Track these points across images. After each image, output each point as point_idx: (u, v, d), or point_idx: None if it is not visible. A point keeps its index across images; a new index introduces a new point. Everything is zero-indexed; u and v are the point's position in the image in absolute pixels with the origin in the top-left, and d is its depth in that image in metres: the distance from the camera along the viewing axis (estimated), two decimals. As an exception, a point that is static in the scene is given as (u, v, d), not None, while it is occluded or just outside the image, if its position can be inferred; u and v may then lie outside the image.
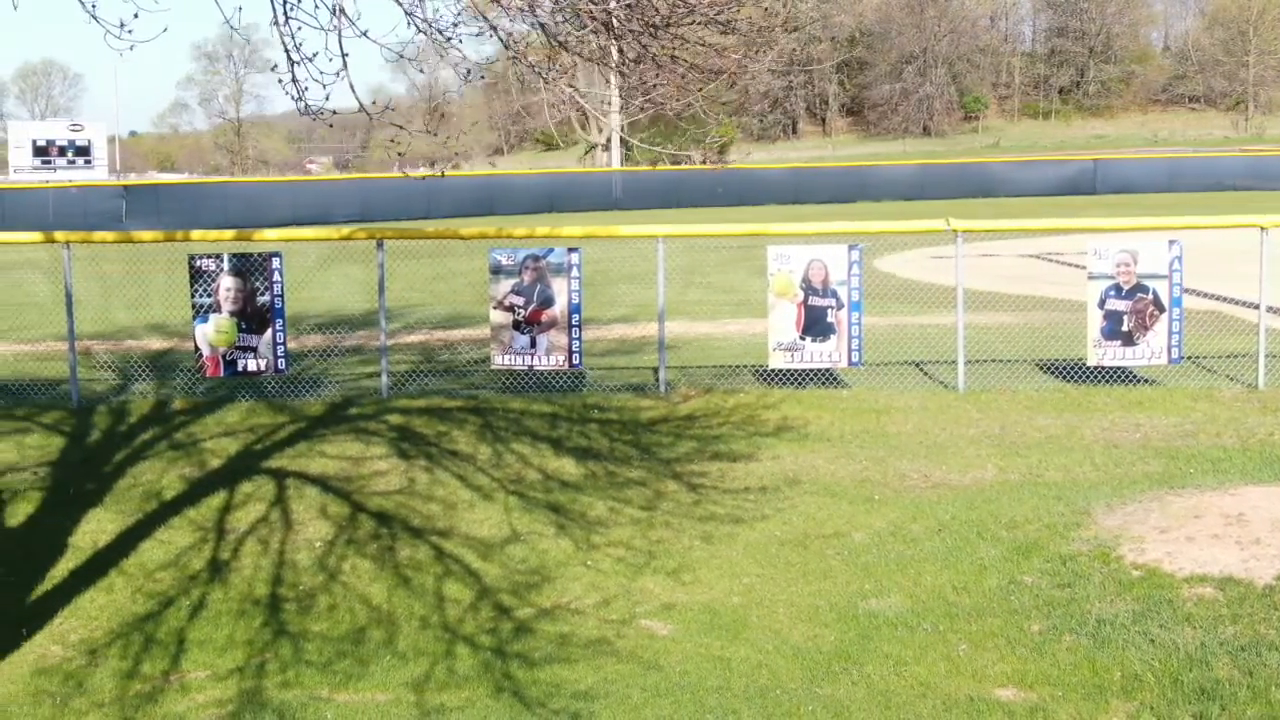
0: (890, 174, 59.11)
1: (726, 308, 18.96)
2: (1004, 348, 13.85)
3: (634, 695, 7.17)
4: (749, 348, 15.20)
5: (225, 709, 7.17)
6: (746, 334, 16.38)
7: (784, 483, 9.89)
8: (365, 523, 9.40)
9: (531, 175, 62.74)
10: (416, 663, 7.61)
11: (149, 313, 17.43)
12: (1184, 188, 52.62)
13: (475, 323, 17.65)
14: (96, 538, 9.20)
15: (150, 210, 44.74)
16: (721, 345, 15.41)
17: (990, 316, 15.61)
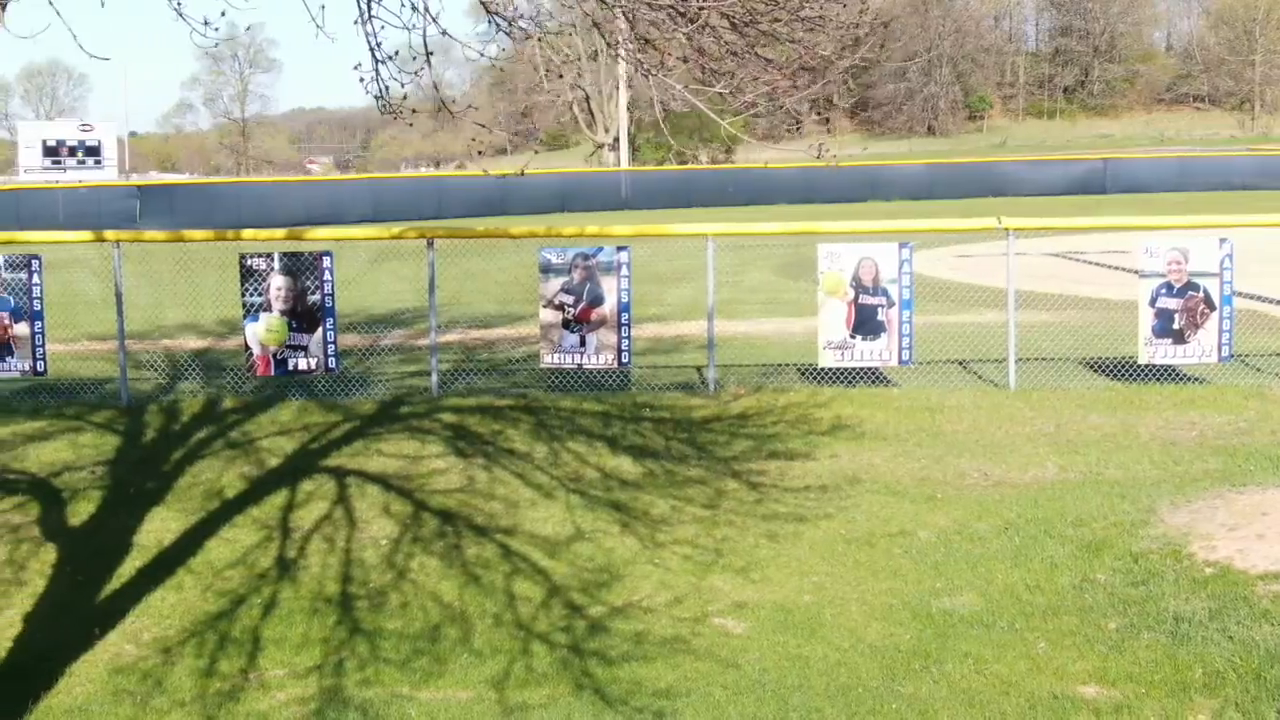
0: (900, 173, 59.07)
1: (755, 307, 18.97)
2: (1047, 345, 13.85)
3: (715, 693, 7.17)
4: (788, 346, 15.21)
5: (308, 706, 7.17)
6: (783, 333, 16.39)
7: (844, 481, 9.89)
8: (429, 521, 9.40)
9: (540, 175, 62.78)
10: (494, 660, 7.60)
11: (181, 312, 17.46)
12: (1193, 187, 52.58)
13: (507, 321, 17.68)
14: (161, 536, 9.20)
15: (164, 210, 44.76)
16: (759, 344, 15.41)
17: (1029, 314, 15.58)
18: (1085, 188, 55.75)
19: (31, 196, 45.39)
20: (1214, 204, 39.49)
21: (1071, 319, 15.67)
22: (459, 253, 20.33)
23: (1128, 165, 58.49)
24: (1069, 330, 14.81)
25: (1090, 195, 53.48)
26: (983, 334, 14.65)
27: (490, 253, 21.07)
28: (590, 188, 54.34)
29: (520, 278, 20.01)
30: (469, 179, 59.67)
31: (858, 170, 60.01)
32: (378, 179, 59.47)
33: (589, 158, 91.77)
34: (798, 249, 25.27)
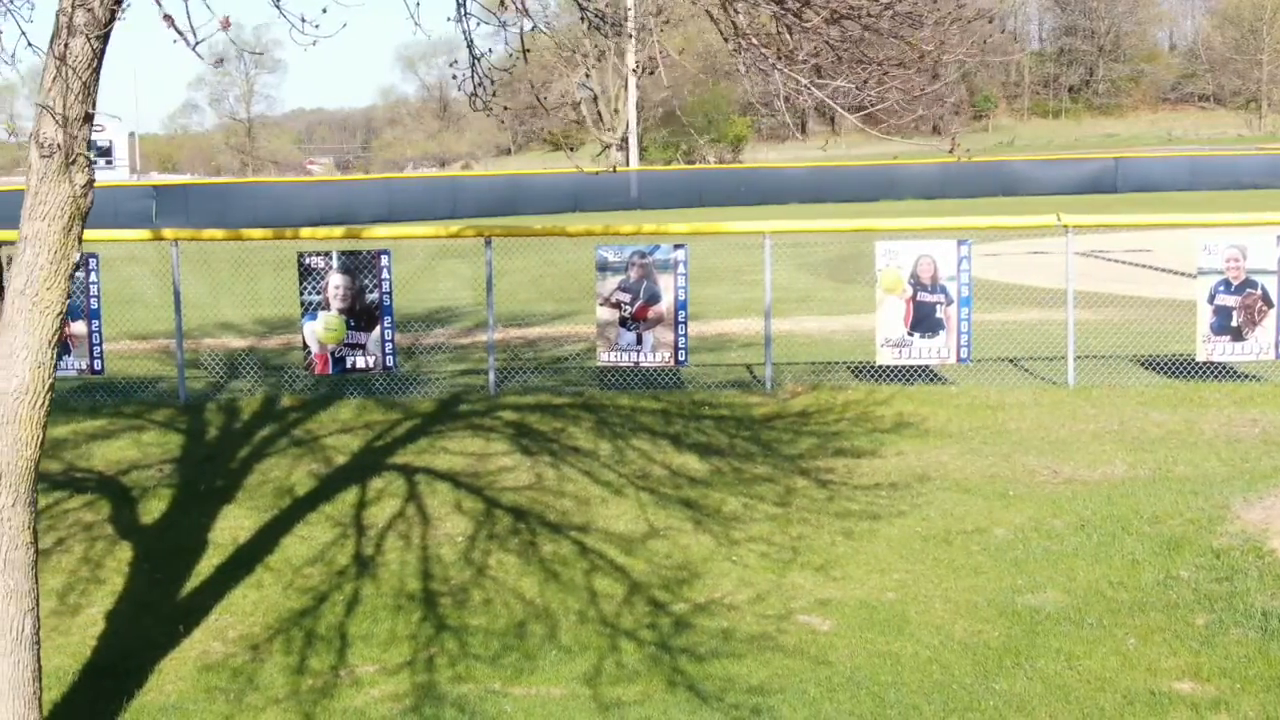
0: (912, 172, 59.06)
1: (792, 305, 18.94)
2: (1097, 343, 13.84)
3: (809, 690, 7.16)
4: (833, 344, 15.23)
5: (402, 703, 7.17)
6: (825, 330, 16.41)
7: (914, 479, 9.89)
8: (502, 518, 9.40)
9: (551, 175, 62.80)
10: (583, 657, 7.60)
11: (219, 311, 17.51)
12: (1204, 186, 52.58)
13: (544, 320, 17.71)
14: (236, 534, 9.20)
15: (180, 210, 44.78)
16: (804, 342, 15.41)
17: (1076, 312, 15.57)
18: (1097, 187, 55.76)
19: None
20: (1225, 203, 39.46)
21: (1116, 316, 15.67)
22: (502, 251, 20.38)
23: (1139, 164, 58.48)
24: (1116, 327, 14.81)
25: (1102, 194, 53.50)
26: (1025, 331, 14.67)
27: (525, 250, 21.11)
28: (599, 187, 54.32)
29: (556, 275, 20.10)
30: (479, 179, 59.79)
31: (869, 170, 60.04)
32: (391, 179, 59.50)
33: (596, 158, 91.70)
34: (827, 247, 25.40)
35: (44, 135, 5.65)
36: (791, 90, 5.48)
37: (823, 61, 5.45)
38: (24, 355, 5.79)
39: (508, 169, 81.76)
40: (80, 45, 5.57)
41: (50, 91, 5.61)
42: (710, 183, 54.05)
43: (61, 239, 5.79)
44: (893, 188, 55.59)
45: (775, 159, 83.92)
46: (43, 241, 5.76)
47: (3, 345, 5.80)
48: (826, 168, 61.48)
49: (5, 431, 5.79)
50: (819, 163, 68.76)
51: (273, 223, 37.66)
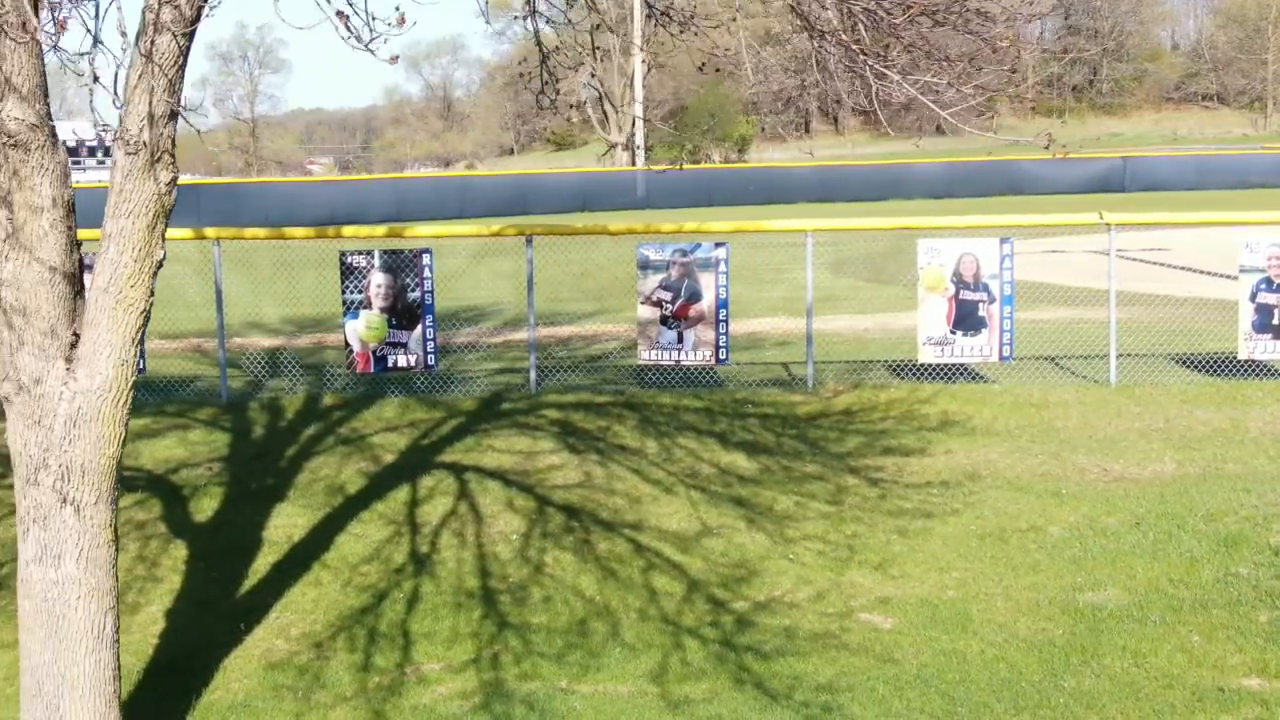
0: (920, 172, 59.08)
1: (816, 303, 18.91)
2: (1133, 341, 13.82)
3: (878, 688, 7.16)
4: (866, 342, 15.24)
5: (471, 700, 7.17)
6: (856, 329, 16.41)
7: (965, 477, 9.88)
8: (554, 516, 9.40)
9: (558, 174, 62.80)
10: (647, 655, 7.60)
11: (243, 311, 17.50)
12: (1211, 185, 52.58)
13: (577, 318, 17.72)
14: (290, 532, 9.21)
15: (191, 209, 44.67)
16: (837, 341, 15.40)
17: (1102, 312, 15.56)
18: (1105, 186, 55.83)
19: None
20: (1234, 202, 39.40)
21: (1149, 314, 15.64)
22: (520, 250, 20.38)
23: (1147, 164, 58.52)
24: (1150, 326, 14.79)
25: (1110, 194, 53.52)
26: (1062, 330, 14.67)
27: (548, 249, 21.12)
28: (605, 187, 54.33)
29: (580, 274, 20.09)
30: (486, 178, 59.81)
31: (879, 169, 60.06)
32: (400, 179, 59.57)
33: (601, 158, 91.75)
34: (847, 246, 25.38)
35: (129, 133, 5.65)
36: (881, 88, 5.48)
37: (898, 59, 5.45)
38: (107, 353, 5.80)
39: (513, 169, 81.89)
40: (166, 42, 5.56)
41: (136, 89, 5.60)
42: (718, 182, 54.06)
43: (146, 236, 5.79)
44: (899, 187, 55.66)
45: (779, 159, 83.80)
46: (127, 239, 5.77)
47: (85, 343, 5.80)
48: (833, 167, 61.48)
49: (88, 429, 5.80)
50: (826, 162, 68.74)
51: (283, 222, 37.63)
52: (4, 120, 5.60)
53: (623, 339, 16.33)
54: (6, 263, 5.75)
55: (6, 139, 5.63)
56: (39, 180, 5.72)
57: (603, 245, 17.84)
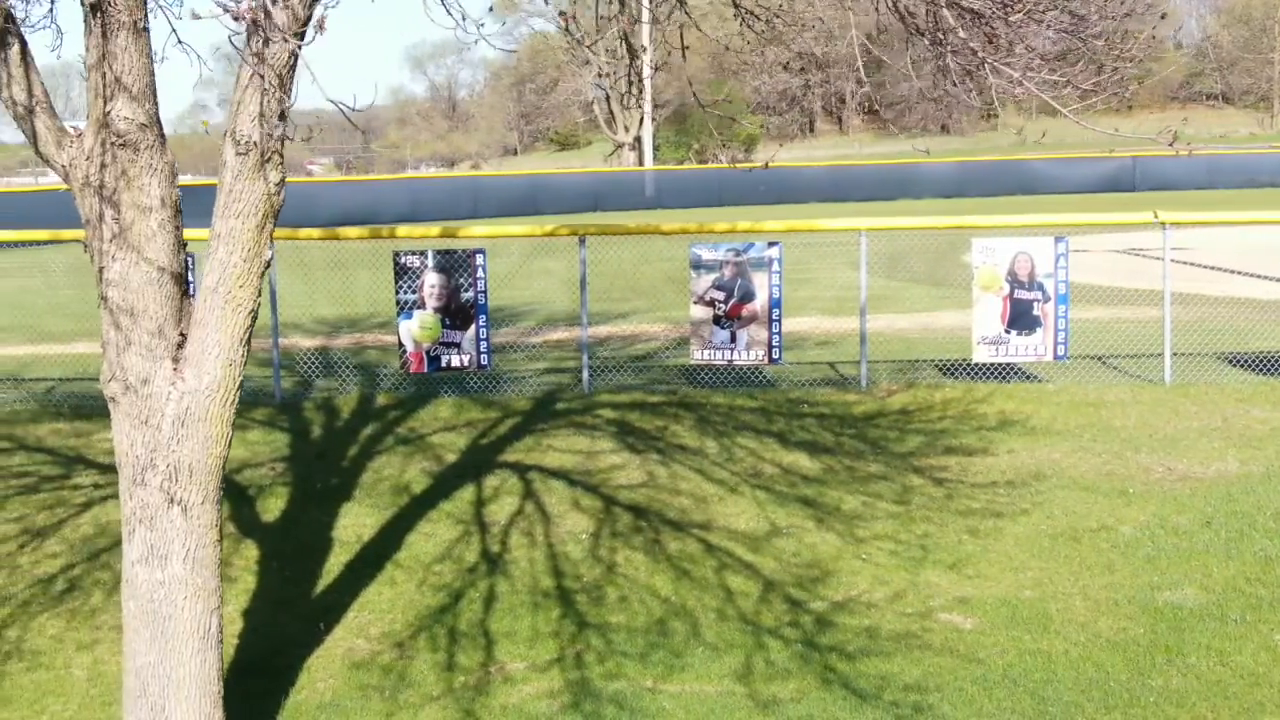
0: (930, 171, 59.08)
1: (851, 303, 18.91)
2: (1182, 340, 13.82)
3: (966, 688, 7.15)
4: (910, 342, 15.24)
5: (559, 699, 7.17)
6: (895, 328, 16.43)
7: (1030, 477, 9.88)
8: (622, 516, 9.40)
9: (570, 174, 62.85)
10: (730, 654, 7.59)
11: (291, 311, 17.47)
12: (1221, 184, 52.60)
13: (613, 318, 17.74)
14: (359, 531, 9.21)
15: (204, 210, 44.51)
16: (879, 341, 15.37)
17: (1144, 310, 15.59)
18: (1116, 185, 55.89)
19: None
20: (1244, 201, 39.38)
21: (1193, 314, 15.65)
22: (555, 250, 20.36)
23: (1156, 163, 58.48)
24: (1196, 325, 14.79)
25: (1121, 193, 53.54)
26: (1107, 328, 14.67)
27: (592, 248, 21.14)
28: (613, 187, 54.31)
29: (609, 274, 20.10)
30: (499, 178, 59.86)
31: (889, 169, 60.03)
32: (414, 179, 59.64)
33: (608, 158, 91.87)
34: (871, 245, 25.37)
35: (240, 133, 5.66)
36: (1004, 88, 5.47)
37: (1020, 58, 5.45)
38: (215, 353, 5.80)
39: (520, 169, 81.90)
40: (279, 42, 5.56)
41: (247, 89, 5.61)
42: (728, 182, 54.10)
43: (255, 236, 5.80)
44: (910, 187, 55.70)
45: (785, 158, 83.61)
46: (236, 239, 5.77)
47: (193, 343, 5.81)
48: (844, 167, 61.53)
49: (196, 429, 5.80)
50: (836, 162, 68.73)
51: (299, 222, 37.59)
52: (114, 119, 5.61)
53: (661, 339, 16.35)
54: (114, 263, 5.75)
55: (116, 138, 5.64)
56: (148, 180, 5.73)
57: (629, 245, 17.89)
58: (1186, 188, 53.37)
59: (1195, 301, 16.84)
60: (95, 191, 5.77)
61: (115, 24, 5.53)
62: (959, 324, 16.20)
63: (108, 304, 5.78)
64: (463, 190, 54.25)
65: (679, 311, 17.92)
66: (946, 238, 21.06)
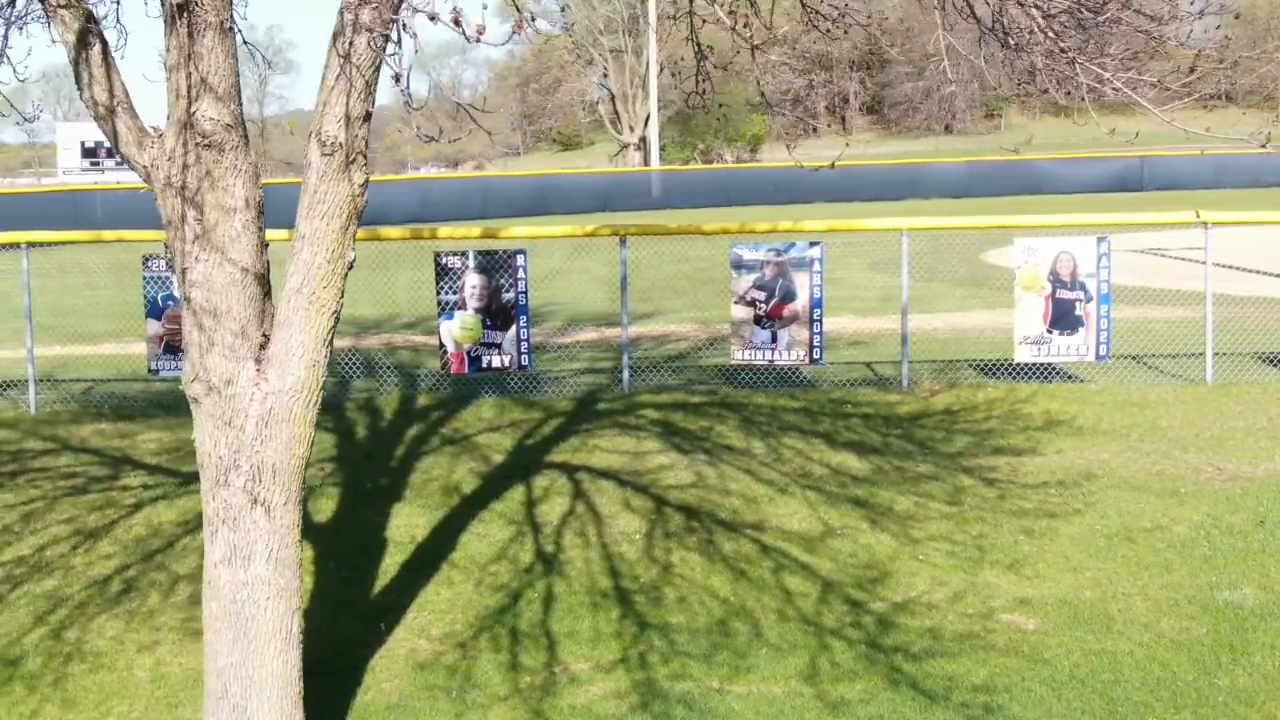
0: (938, 171, 59.05)
1: (873, 303, 18.97)
2: (1219, 341, 13.82)
3: (1035, 689, 7.14)
4: (944, 342, 15.24)
5: (627, 700, 7.15)
6: (927, 329, 16.43)
7: (1080, 477, 9.88)
8: (673, 516, 9.40)
9: (579, 175, 62.84)
10: (794, 655, 7.58)
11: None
12: (1229, 184, 52.59)
13: (640, 318, 17.73)
14: (412, 532, 9.22)
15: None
16: (913, 341, 15.38)
17: (1174, 310, 15.63)
18: (1124, 185, 55.87)
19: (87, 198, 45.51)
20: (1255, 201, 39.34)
21: (1226, 314, 15.63)
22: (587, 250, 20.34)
23: (1164, 163, 58.46)
24: (1231, 324, 14.79)
25: (1129, 193, 53.52)
26: (1140, 328, 14.68)
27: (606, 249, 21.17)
28: (621, 188, 54.29)
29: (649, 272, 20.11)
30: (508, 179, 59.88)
31: (897, 169, 59.99)
32: (423, 179, 59.63)
33: (613, 158, 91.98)
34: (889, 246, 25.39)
35: (326, 134, 5.65)
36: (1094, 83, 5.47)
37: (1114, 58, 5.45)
38: (299, 354, 5.80)
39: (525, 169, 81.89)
40: (364, 43, 5.56)
41: (333, 90, 5.60)
42: (736, 182, 53.96)
43: (339, 238, 5.80)
44: (917, 187, 55.71)
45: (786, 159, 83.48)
46: (321, 240, 5.77)
47: (277, 343, 5.80)
48: (851, 167, 61.40)
49: (280, 430, 5.80)
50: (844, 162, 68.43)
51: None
52: (199, 120, 5.61)
53: (691, 339, 16.36)
54: (197, 264, 5.75)
55: (201, 139, 5.64)
56: (232, 181, 5.73)
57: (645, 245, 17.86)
58: (1194, 188, 53.44)
59: (1224, 301, 16.82)
60: (177, 192, 5.77)
61: (202, 24, 5.53)
62: (988, 323, 16.23)
63: (191, 305, 5.77)
64: (471, 190, 54.31)
65: (704, 311, 17.95)
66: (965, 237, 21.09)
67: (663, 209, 51.22)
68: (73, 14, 5.76)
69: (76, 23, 5.77)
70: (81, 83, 5.82)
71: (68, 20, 5.77)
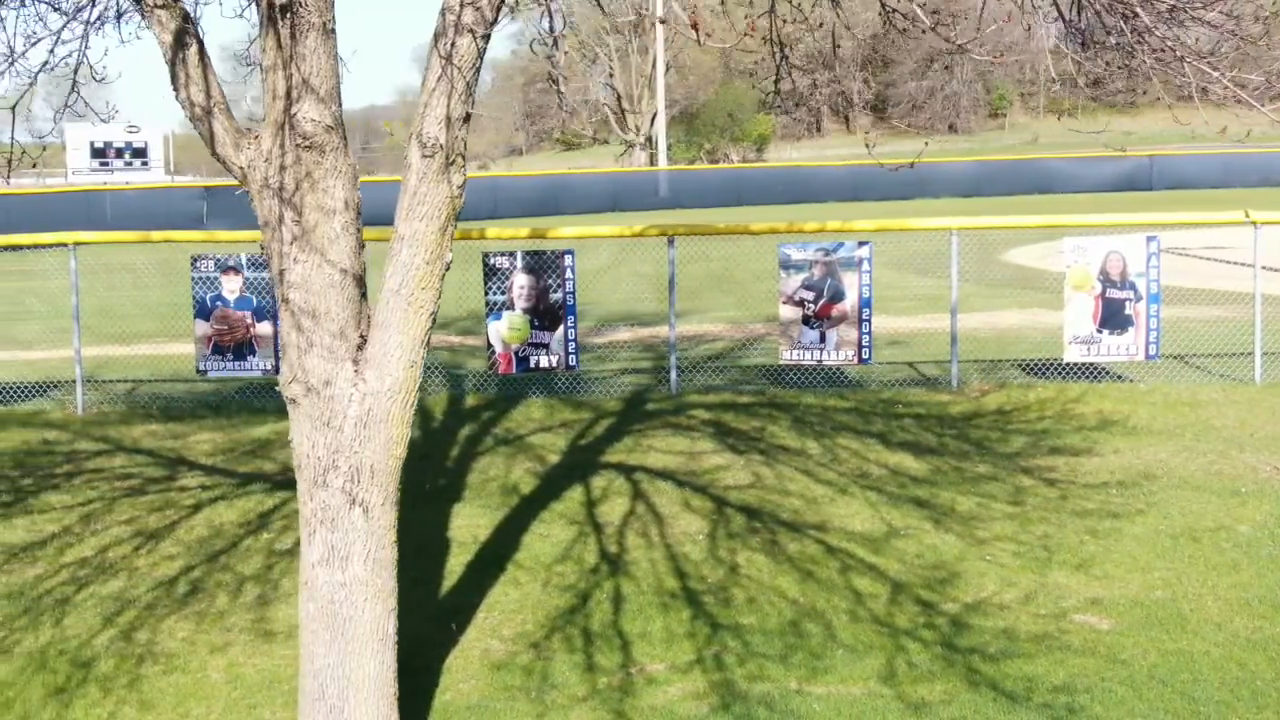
0: (948, 170, 59.02)
1: (904, 303, 18.97)
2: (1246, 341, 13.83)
3: (1115, 690, 7.13)
4: (981, 340, 15.23)
5: (707, 700, 7.15)
6: (966, 328, 16.32)
7: (1139, 477, 9.87)
8: (735, 517, 9.39)
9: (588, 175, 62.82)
10: (870, 656, 7.57)
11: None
12: (1238, 183, 52.58)
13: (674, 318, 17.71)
14: (475, 533, 9.21)
15: (229, 211, 44.71)
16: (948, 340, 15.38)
17: (1214, 310, 15.62)
18: (1133, 184, 55.86)
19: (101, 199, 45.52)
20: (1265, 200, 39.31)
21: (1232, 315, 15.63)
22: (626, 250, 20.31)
23: (1174, 162, 58.44)
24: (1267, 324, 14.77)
25: (1138, 192, 53.52)
26: (1179, 327, 14.65)
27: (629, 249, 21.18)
28: (627, 187, 54.27)
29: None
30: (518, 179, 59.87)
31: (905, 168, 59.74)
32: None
33: (619, 158, 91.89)
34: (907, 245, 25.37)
35: (427, 135, 5.65)
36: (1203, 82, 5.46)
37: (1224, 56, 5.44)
38: (398, 354, 5.79)
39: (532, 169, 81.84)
40: (466, 44, 5.56)
41: (434, 91, 5.59)
42: (745, 182, 53.90)
43: (438, 239, 5.80)
44: (927, 186, 55.69)
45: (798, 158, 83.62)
46: (420, 241, 5.77)
47: (375, 344, 5.80)
48: (860, 166, 61.34)
49: (379, 430, 5.80)
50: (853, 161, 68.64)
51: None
52: (300, 121, 5.60)
53: (726, 339, 16.35)
54: (295, 265, 5.74)
55: (302, 141, 5.63)
56: (332, 183, 5.72)
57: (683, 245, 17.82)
58: (1203, 186, 53.45)
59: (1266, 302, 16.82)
60: (275, 194, 5.76)
61: (305, 25, 5.52)
62: (1024, 323, 16.24)
63: (289, 306, 5.77)
64: (481, 190, 54.26)
65: (733, 311, 17.95)
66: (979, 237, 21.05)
67: (670, 209, 51.20)
68: (170, 14, 5.76)
69: (173, 23, 5.76)
70: (177, 83, 5.82)
71: (164, 20, 5.77)
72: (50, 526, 9.46)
